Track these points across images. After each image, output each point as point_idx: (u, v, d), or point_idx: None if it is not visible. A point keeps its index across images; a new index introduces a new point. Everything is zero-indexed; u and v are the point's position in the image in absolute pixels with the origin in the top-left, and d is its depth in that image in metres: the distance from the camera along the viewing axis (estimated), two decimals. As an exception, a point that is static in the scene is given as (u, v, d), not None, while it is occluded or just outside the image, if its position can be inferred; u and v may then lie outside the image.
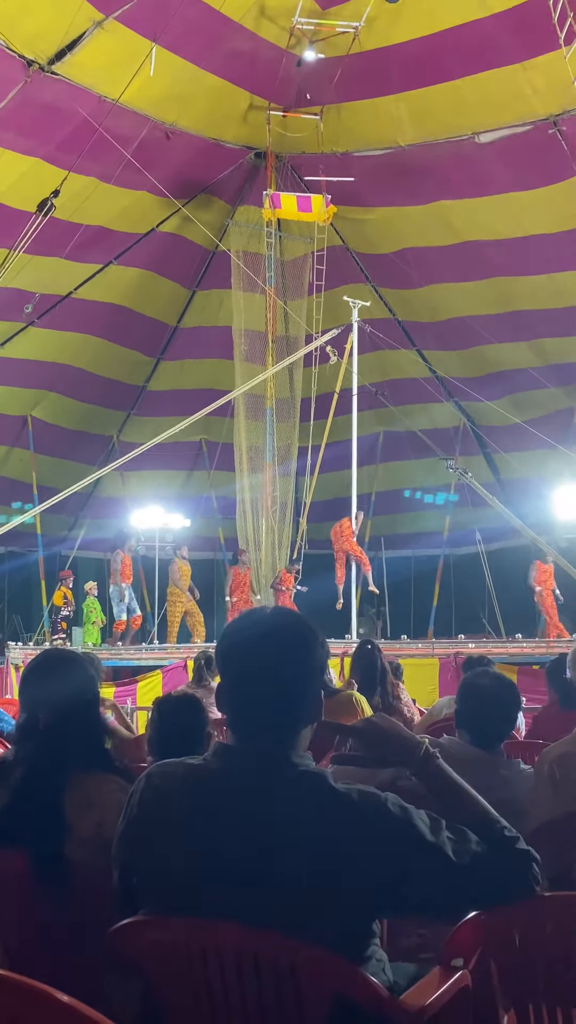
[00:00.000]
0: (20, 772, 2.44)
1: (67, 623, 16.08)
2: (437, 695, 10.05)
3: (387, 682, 5.92)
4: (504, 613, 17.24)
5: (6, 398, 17.18)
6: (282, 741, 1.80)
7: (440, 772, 1.88)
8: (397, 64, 13.63)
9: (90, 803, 2.37)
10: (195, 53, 13.15)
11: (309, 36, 13.56)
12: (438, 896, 1.75)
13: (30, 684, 2.60)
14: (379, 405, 16.17)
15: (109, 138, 12.81)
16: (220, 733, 3.34)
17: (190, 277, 17.60)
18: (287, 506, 16.59)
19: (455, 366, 17.39)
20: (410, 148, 14.90)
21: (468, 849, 1.74)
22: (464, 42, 12.84)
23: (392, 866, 1.69)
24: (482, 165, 14.42)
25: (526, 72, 13.02)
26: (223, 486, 18.18)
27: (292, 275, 16.87)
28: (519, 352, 16.72)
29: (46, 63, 12.26)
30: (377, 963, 1.80)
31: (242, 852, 1.72)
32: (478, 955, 1.91)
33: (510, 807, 2.02)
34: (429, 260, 16.16)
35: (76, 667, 2.60)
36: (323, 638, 1.90)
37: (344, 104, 14.67)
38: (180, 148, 14.69)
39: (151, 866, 1.85)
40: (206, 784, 1.82)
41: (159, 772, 1.90)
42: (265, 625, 1.88)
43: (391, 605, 19.40)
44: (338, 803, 1.72)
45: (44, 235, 13.17)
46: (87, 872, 2.21)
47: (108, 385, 18.14)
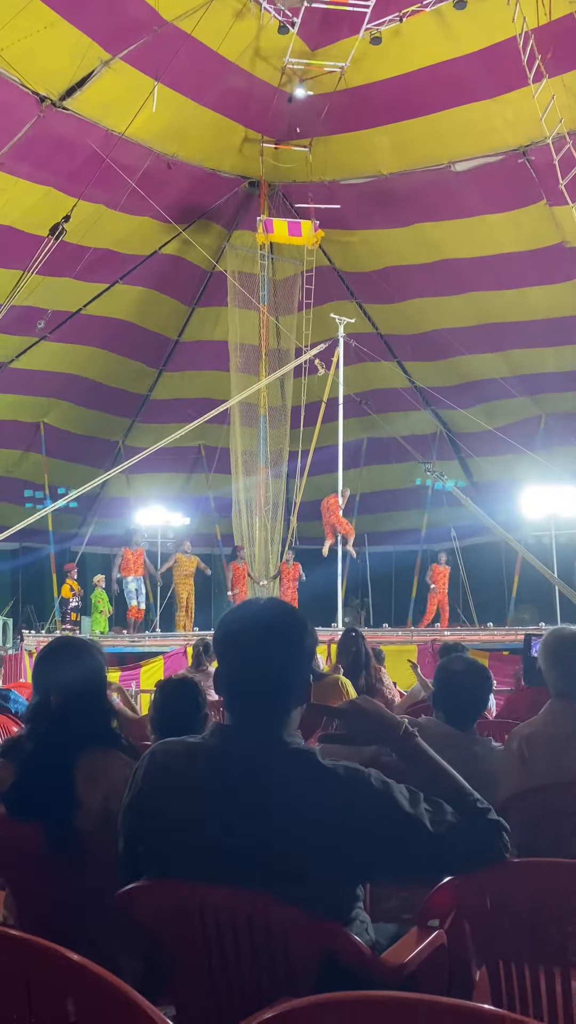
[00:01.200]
0: (32, 749, 2.44)
1: (76, 613, 16.05)
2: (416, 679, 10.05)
3: (370, 667, 5.94)
4: (476, 603, 17.28)
5: (21, 406, 17.12)
6: (274, 721, 1.81)
7: (418, 749, 1.89)
8: (380, 100, 13.62)
9: (97, 778, 2.36)
10: (194, 90, 13.12)
11: (299, 75, 13.55)
12: (416, 863, 1.76)
13: (43, 668, 2.59)
14: (363, 413, 16.18)
15: (116, 168, 12.78)
16: (217, 714, 3.33)
17: (190, 295, 17.57)
18: (279, 505, 16.58)
19: (433, 376, 17.40)
20: (392, 176, 14.91)
21: (444, 820, 1.74)
22: (441, 79, 12.85)
23: (375, 835, 1.70)
24: (458, 191, 14.44)
25: (498, 106, 13.05)
26: (220, 487, 18.15)
27: (283, 293, 16.85)
28: (491, 363, 16.75)
29: (58, 99, 12.21)
30: (361, 924, 1.81)
31: (237, 822, 1.73)
32: (453, 916, 1.92)
33: (482, 780, 2.03)
34: (409, 277, 16.18)
35: (85, 653, 2.59)
36: (312, 627, 1.90)
37: (331, 136, 14.67)
38: (181, 177, 14.66)
39: (154, 835, 1.85)
40: (205, 760, 1.82)
41: (162, 749, 1.90)
42: (259, 615, 1.88)
43: (374, 596, 19.44)
44: (325, 778, 1.73)
45: (55, 257, 13.14)
46: (95, 841, 2.20)
47: (114, 394, 18.10)
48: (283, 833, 1.70)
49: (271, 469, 16.25)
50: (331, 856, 1.69)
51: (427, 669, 10.17)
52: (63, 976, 1.34)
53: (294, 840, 1.69)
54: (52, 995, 1.38)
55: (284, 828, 1.70)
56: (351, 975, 1.65)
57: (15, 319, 14.09)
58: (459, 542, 17.92)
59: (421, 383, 17.41)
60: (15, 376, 16.28)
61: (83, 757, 2.38)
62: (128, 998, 1.27)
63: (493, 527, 14.20)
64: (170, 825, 1.81)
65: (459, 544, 17.90)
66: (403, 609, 18.44)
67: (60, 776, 2.33)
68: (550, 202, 13.45)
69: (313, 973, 1.66)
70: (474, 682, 3.19)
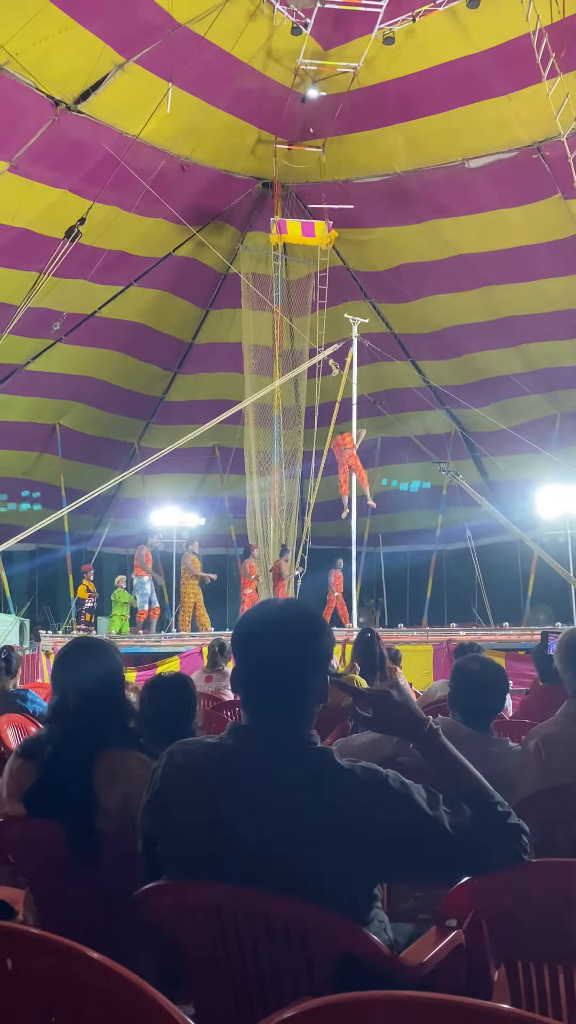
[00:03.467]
0: (52, 749, 2.45)
1: (91, 614, 16.10)
2: (432, 679, 10.04)
3: (385, 667, 5.91)
4: (492, 603, 17.22)
5: (36, 408, 17.21)
6: (291, 721, 1.81)
7: (442, 747, 1.88)
8: (393, 98, 13.61)
9: (116, 778, 2.37)
10: (208, 92, 13.15)
11: (312, 75, 13.54)
12: (435, 864, 1.75)
13: (61, 669, 2.60)
14: (377, 413, 16.17)
15: (130, 170, 12.82)
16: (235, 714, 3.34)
17: (204, 297, 17.60)
18: (293, 506, 16.59)
19: (447, 374, 17.36)
20: (405, 174, 14.89)
21: (463, 821, 1.74)
22: (454, 77, 12.82)
23: (392, 836, 1.70)
24: (471, 187, 14.40)
25: (511, 103, 13.00)
26: (234, 488, 18.18)
27: (297, 294, 16.86)
28: (506, 359, 16.68)
29: (72, 103, 12.27)
30: (379, 924, 1.81)
31: (255, 822, 1.73)
32: (471, 916, 1.92)
33: (499, 781, 2.02)
34: (423, 274, 16.14)
35: (103, 653, 2.60)
36: (329, 627, 1.90)
37: (344, 136, 14.67)
38: (194, 179, 14.69)
39: (172, 835, 1.86)
40: (222, 760, 1.82)
41: (180, 750, 1.91)
42: (277, 615, 1.89)
43: (388, 596, 19.40)
44: (343, 778, 1.73)
45: (71, 260, 13.19)
46: (114, 841, 2.22)
47: (129, 396, 18.17)
48: (301, 833, 1.70)
49: (285, 469, 16.26)
50: (349, 856, 1.69)
51: (443, 670, 10.18)
52: (84, 975, 1.35)
53: (312, 840, 1.69)
54: (73, 994, 1.39)
55: (302, 828, 1.70)
56: (370, 975, 1.66)
57: (31, 321, 14.15)
58: (474, 541, 17.86)
59: (435, 382, 17.37)
60: (31, 378, 16.36)
61: (101, 757, 2.40)
62: (149, 997, 1.28)
63: (508, 526, 14.15)
64: (188, 825, 1.82)
65: (474, 543, 17.85)
66: (418, 609, 18.41)
67: (79, 776, 2.34)
68: (565, 195, 13.41)
69: (332, 973, 1.66)
70: (491, 682, 3.18)
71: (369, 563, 18.68)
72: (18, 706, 5.23)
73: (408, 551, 19.45)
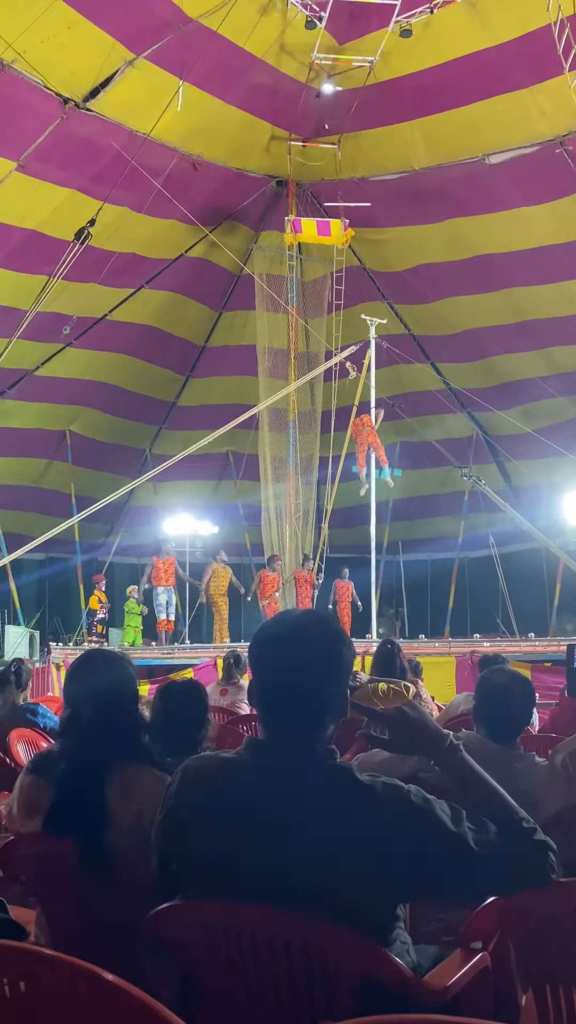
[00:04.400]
0: (64, 765, 2.46)
1: (103, 625, 16.14)
2: (454, 692, 9.99)
3: (406, 680, 5.90)
4: (517, 613, 17.13)
5: (46, 414, 17.30)
6: (310, 736, 1.81)
7: (463, 764, 1.87)
8: (410, 93, 13.62)
9: (130, 794, 2.38)
10: (220, 88, 13.21)
11: (327, 70, 13.58)
12: (459, 883, 1.75)
13: (74, 682, 2.61)
14: (396, 417, 16.15)
15: (141, 170, 12.89)
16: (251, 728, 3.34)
17: (217, 299, 17.67)
18: (309, 513, 16.59)
19: (468, 377, 17.32)
20: (423, 171, 14.87)
21: (488, 839, 1.73)
22: (473, 70, 12.80)
23: (415, 854, 1.69)
24: (492, 184, 14.36)
25: (533, 96, 12.97)
26: (249, 494, 18.21)
27: (312, 295, 16.88)
28: (529, 362, 16.63)
29: (81, 100, 12.35)
30: (401, 945, 1.80)
31: (273, 840, 1.73)
32: (497, 938, 1.91)
33: (525, 798, 2.01)
34: (442, 275, 16.12)
35: (117, 666, 2.61)
36: (349, 639, 1.90)
37: (361, 132, 14.69)
38: (206, 178, 14.75)
39: (188, 853, 1.86)
40: (239, 776, 1.83)
41: (195, 765, 1.91)
42: (295, 627, 1.88)
43: (409, 606, 19.36)
44: (363, 794, 1.73)
45: (80, 262, 13.26)
46: (128, 859, 2.22)
47: (141, 401, 18.23)
48: (320, 851, 1.70)
49: (301, 476, 16.26)
50: (370, 875, 1.69)
51: (466, 682, 10.13)
52: (98, 997, 1.36)
53: (332, 859, 1.69)
54: (87, 1016, 1.39)
55: (321, 846, 1.70)
56: (392, 998, 1.65)
57: (40, 326, 14.24)
58: (498, 549, 17.79)
59: (456, 385, 17.34)
60: (40, 384, 16.46)
61: (115, 773, 2.41)
62: (164, 1020, 1.29)
63: (533, 533, 14.09)
64: (204, 843, 1.82)
65: (498, 551, 17.77)
66: (440, 619, 18.33)
67: (92, 792, 2.35)
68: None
69: (352, 996, 1.66)
70: (517, 695, 3.17)
71: (388, 571, 18.64)
72: (28, 721, 5.26)
73: (429, 559, 19.40)
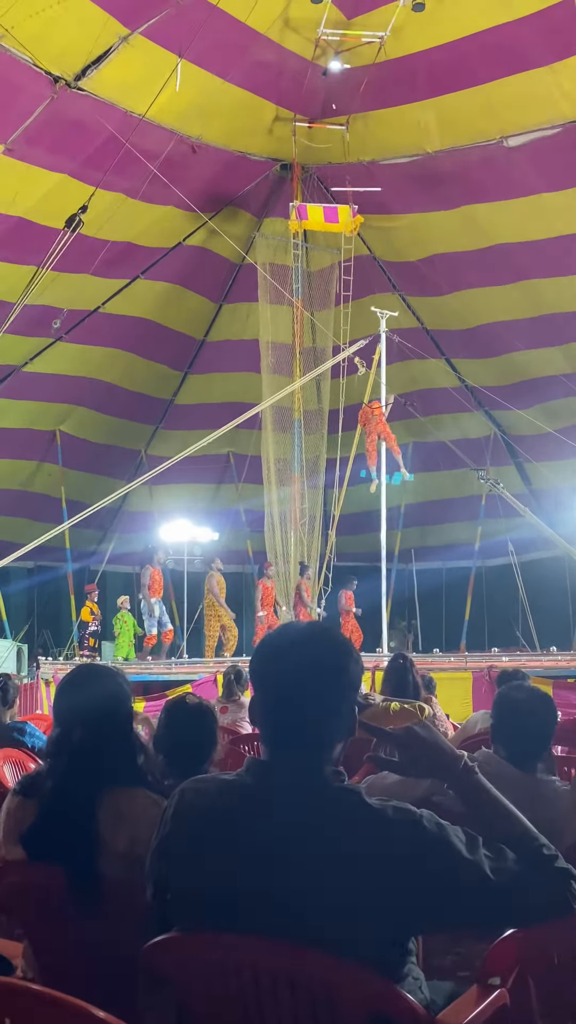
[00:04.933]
0: (53, 786, 2.46)
1: (95, 638, 16.15)
2: (471, 710, 9.97)
3: (419, 697, 5.89)
4: (538, 625, 17.10)
5: (35, 413, 17.34)
6: (316, 757, 1.81)
7: (479, 787, 1.87)
8: (423, 71, 13.65)
9: (123, 818, 2.38)
10: (220, 66, 13.25)
11: (335, 46, 13.62)
12: (475, 914, 1.74)
13: (64, 699, 2.61)
14: (408, 416, 16.16)
15: (136, 153, 12.92)
16: (253, 749, 3.33)
17: (217, 290, 17.70)
18: (316, 519, 16.59)
19: (485, 374, 17.33)
20: (437, 155, 14.90)
21: (505, 867, 1.73)
22: (491, 46, 12.83)
23: (428, 883, 1.69)
24: (511, 168, 14.39)
25: (554, 75, 13.00)
26: (251, 499, 18.23)
27: (319, 286, 16.91)
28: (550, 358, 16.63)
29: (72, 79, 12.39)
30: (414, 981, 1.80)
31: (276, 868, 1.73)
32: (516, 973, 1.90)
33: (545, 824, 2.01)
34: (457, 265, 16.14)
35: (110, 682, 2.61)
36: (357, 653, 1.90)
37: (370, 113, 14.71)
38: (206, 162, 14.79)
39: (185, 882, 1.86)
40: (240, 800, 1.83)
41: (192, 788, 1.91)
42: (299, 640, 1.88)
43: (422, 618, 19.33)
44: (373, 819, 1.72)
45: (71, 252, 13.30)
46: (121, 888, 2.22)
47: (136, 399, 18.26)
48: (327, 880, 1.70)
49: (307, 479, 16.27)
50: (380, 906, 1.69)
51: (483, 699, 10.12)
52: (89, 1035, 1.36)
53: (339, 888, 1.69)
54: (77, 1055, 1.39)
55: (328, 875, 1.70)
56: (403, 1038, 1.65)
57: (29, 319, 14.28)
58: (517, 556, 17.77)
59: (473, 382, 17.35)
60: (29, 381, 16.49)
61: (107, 796, 2.41)
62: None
63: (555, 540, 14.09)
64: (202, 871, 1.82)
65: (517, 559, 17.76)
66: (455, 632, 18.31)
67: (83, 816, 2.35)
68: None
69: (361, 1035, 1.66)
70: (538, 714, 3.16)
71: (400, 581, 18.62)
72: (15, 740, 5.26)
73: (443, 567, 19.38)
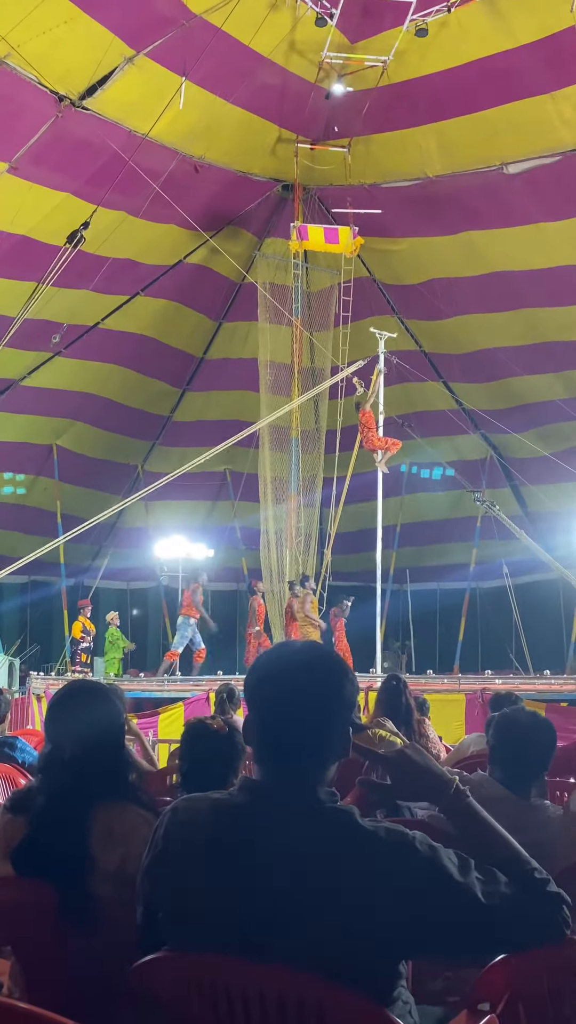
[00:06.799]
0: (44, 802, 2.45)
1: (88, 654, 16.10)
2: (464, 732, 9.94)
3: (412, 719, 5.88)
4: (531, 648, 17.10)
5: (32, 427, 17.36)
6: (309, 777, 1.80)
7: (470, 811, 1.87)
8: (425, 96, 13.79)
9: (114, 836, 2.37)
10: (224, 87, 13.36)
11: (338, 70, 13.75)
12: (466, 937, 1.74)
13: (57, 715, 2.61)
14: (405, 437, 16.20)
15: (139, 171, 13.00)
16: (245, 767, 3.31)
17: (216, 309, 17.78)
18: (311, 537, 16.60)
19: (482, 398, 17.40)
20: (438, 179, 15.03)
21: (497, 890, 1.72)
22: (492, 73, 12.99)
23: (420, 906, 1.68)
24: (510, 195, 14.53)
25: (554, 102, 13.15)
26: (247, 516, 18.24)
27: (319, 306, 17.00)
28: (548, 384, 16.71)
29: (77, 98, 12.50)
30: (403, 1005, 1.79)
31: (267, 889, 1.72)
32: (506, 999, 1.89)
33: (538, 848, 2.00)
34: (456, 291, 16.24)
35: (103, 699, 2.61)
36: (352, 674, 1.89)
37: (372, 136, 14.85)
38: (208, 181, 14.89)
39: (176, 902, 1.84)
40: (232, 819, 1.82)
41: (184, 806, 1.90)
42: (294, 659, 1.88)
43: (416, 639, 19.31)
44: (365, 841, 1.72)
45: (72, 268, 13.37)
46: (111, 906, 2.21)
47: (133, 415, 18.31)
48: (318, 902, 1.69)
49: (303, 497, 16.28)
50: (371, 928, 1.68)
51: (476, 721, 10.08)
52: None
53: (330, 910, 1.68)
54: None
55: (319, 896, 1.69)
56: (393, 1063, 1.63)
57: (28, 333, 14.32)
58: (512, 579, 17.78)
59: (469, 405, 17.42)
60: (27, 395, 16.53)
61: (99, 813, 2.40)
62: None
63: (550, 563, 14.09)
64: (193, 891, 1.80)
65: (512, 581, 17.76)
66: (449, 654, 18.29)
67: (73, 834, 2.34)
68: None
69: (350, 1059, 1.65)
70: (538, 740, 3.15)
71: (395, 601, 18.62)
72: (6, 755, 5.24)
73: (438, 588, 19.39)
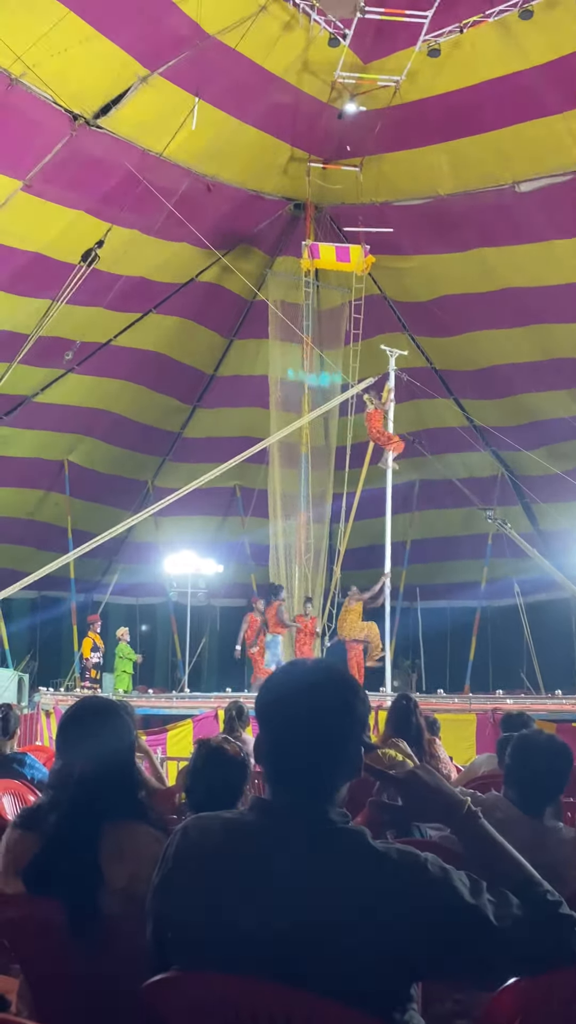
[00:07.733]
0: (54, 819, 2.45)
1: (97, 670, 16.09)
2: (474, 752, 9.91)
3: (423, 739, 5.86)
4: (543, 668, 17.02)
5: (44, 442, 17.43)
6: (320, 797, 1.80)
7: (482, 832, 1.86)
8: (438, 115, 13.86)
9: (123, 854, 2.36)
10: (237, 107, 13.47)
11: (351, 89, 13.84)
12: (477, 960, 1.72)
13: (67, 731, 2.61)
14: (416, 453, 16.21)
15: (152, 190, 13.11)
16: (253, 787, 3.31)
17: (228, 326, 17.86)
18: (321, 553, 16.59)
19: (493, 415, 17.40)
20: (450, 198, 15.09)
21: (509, 913, 1.71)
22: (504, 94, 13.05)
23: (431, 928, 1.67)
24: (522, 214, 14.57)
25: (566, 123, 13.20)
26: (256, 532, 18.24)
27: (329, 324, 17.06)
28: (560, 400, 16.71)
29: (92, 117, 12.60)
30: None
31: (278, 909, 1.71)
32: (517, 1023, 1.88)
33: (550, 871, 1.99)
34: (467, 308, 16.27)
35: (114, 716, 2.61)
36: (364, 693, 1.90)
37: (384, 155, 14.93)
38: (221, 200, 14.99)
39: (185, 921, 1.84)
40: (243, 839, 1.81)
41: (195, 825, 1.90)
42: (306, 679, 1.88)
43: (426, 658, 19.24)
44: (377, 862, 1.71)
45: (86, 286, 13.46)
46: (121, 924, 2.20)
47: (144, 431, 18.38)
48: (328, 923, 1.69)
49: (312, 512, 16.29)
50: (382, 950, 1.67)
51: (487, 741, 10.04)
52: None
53: (341, 931, 1.68)
54: None
55: (330, 917, 1.69)
56: None
57: (41, 350, 14.41)
58: (523, 598, 17.72)
59: (480, 421, 17.42)
60: (39, 411, 16.60)
61: (108, 831, 2.39)
62: None
63: (563, 582, 14.04)
64: (203, 910, 1.80)
65: (523, 600, 17.70)
66: (460, 673, 18.21)
67: (83, 851, 2.34)
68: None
69: None
70: (556, 764, 3.14)
71: (405, 619, 18.57)
72: (15, 771, 5.23)
73: (449, 607, 19.33)
